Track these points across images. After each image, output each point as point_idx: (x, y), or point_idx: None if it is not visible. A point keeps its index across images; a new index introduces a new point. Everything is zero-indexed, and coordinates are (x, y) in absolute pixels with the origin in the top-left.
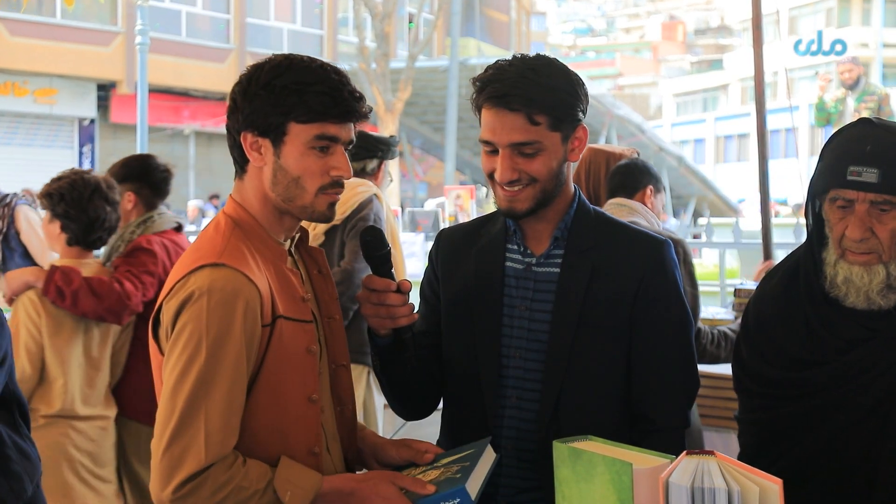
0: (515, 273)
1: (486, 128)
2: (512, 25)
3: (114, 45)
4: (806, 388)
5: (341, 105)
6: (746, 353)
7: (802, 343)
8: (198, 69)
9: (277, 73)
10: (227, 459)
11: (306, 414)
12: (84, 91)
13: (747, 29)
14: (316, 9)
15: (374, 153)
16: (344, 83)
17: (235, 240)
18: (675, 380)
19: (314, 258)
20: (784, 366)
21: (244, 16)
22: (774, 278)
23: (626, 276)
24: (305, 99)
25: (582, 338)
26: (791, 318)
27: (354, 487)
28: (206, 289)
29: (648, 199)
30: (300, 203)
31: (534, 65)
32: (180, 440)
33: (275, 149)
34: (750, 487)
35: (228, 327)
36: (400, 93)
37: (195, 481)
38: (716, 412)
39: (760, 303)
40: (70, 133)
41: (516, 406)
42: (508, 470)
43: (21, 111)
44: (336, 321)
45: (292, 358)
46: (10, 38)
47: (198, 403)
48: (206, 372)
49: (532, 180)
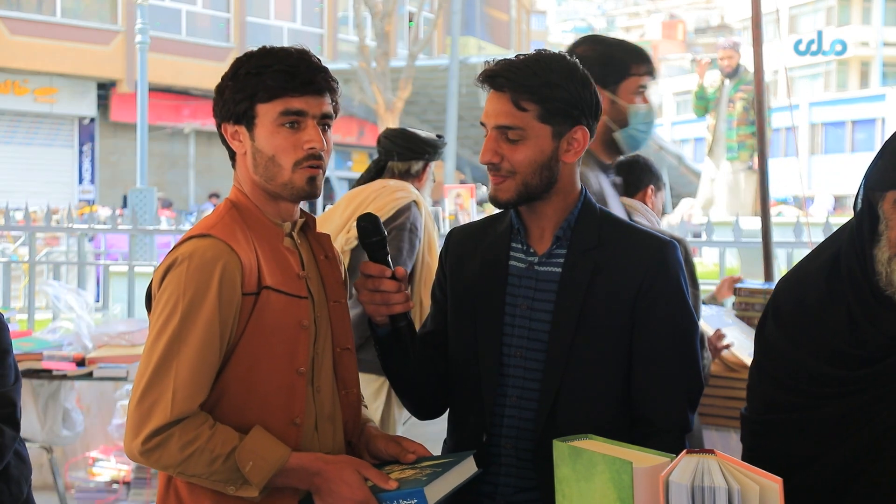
0: (518, 272)
1: (484, 110)
2: (512, 24)
3: (114, 43)
4: (849, 386)
5: (299, 78)
6: (780, 343)
7: (844, 337)
8: (198, 68)
9: (240, 63)
10: (197, 419)
11: (292, 385)
12: (84, 90)
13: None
14: (316, 7)
15: (420, 154)
16: (303, 59)
17: (229, 218)
18: (675, 382)
19: (321, 244)
20: (824, 358)
21: (244, 14)
22: (812, 266)
23: (628, 277)
24: (264, 79)
25: (581, 337)
26: (833, 309)
27: (321, 468)
28: (188, 255)
29: (649, 198)
30: (280, 181)
31: (542, 57)
32: (150, 394)
33: (249, 133)
34: (750, 486)
35: (204, 291)
36: (400, 92)
37: (163, 435)
38: (715, 411)
39: (798, 290)
40: (70, 132)
41: (517, 405)
42: (508, 469)
43: (21, 110)
44: (342, 305)
45: (280, 329)
46: (10, 36)
47: (169, 361)
48: (179, 332)
49: (511, 172)
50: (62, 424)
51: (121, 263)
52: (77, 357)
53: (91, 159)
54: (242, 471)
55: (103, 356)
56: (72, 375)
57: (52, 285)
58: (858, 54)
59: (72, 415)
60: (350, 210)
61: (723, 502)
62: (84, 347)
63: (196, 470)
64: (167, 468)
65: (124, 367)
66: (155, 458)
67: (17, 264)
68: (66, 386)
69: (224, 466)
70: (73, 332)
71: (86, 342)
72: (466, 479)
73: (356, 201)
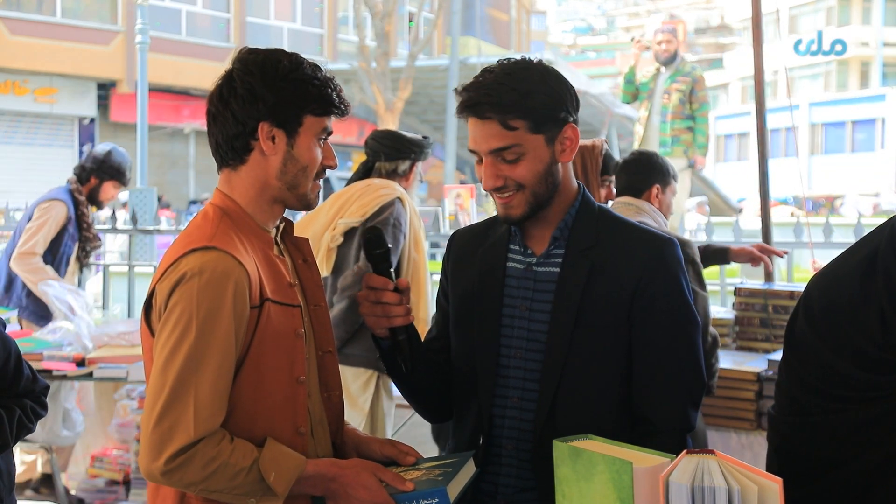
0: (516, 273)
1: (470, 137)
2: (512, 24)
3: (114, 43)
4: (875, 391)
5: (342, 101)
6: (809, 341)
7: (874, 339)
8: (198, 68)
9: (293, 67)
10: (216, 436)
11: (294, 394)
12: (84, 90)
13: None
14: (316, 7)
15: (406, 154)
16: (335, 82)
17: (224, 226)
18: (676, 381)
19: (299, 248)
20: (851, 360)
21: (244, 15)
22: (846, 265)
23: (626, 275)
24: (322, 93)
25: (579, 338)
26: (865, 310)
27: (337, 473)
28: (198, 269)
29: (655, 197)
30: (302, 190)
31: (511, 70)
32: (170, 414)
33: (288, 139)
34: (750, 487)
35: (218, 307)
36: (400, 92)
37: (185, 455)
38: (715, 411)
39: (830, 289)
40: (70, 132)
41: (518, 406)
42: (508, 470)
43: (21, 110)
44: (322, 308)
45: (280, 340)
46: (10, 37)
47: (187, 380)
48: (196, 349)
49: (519, 186)
50: (62, 424)
51: (121, 263)
52: (77, 357)
53: None
54: (267, 481)
55: (103, 356)
56: (72, 376)
57: (52, 285)
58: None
59: (72, 415)
60: (335, 209)
61: (723, 502)
62: (84, 348)
63: (218, 486)
64: (189, 486)
65: (124, 368)
66: (178, 477)
67: None
68: (66, 386)
69: (247, 479)
70: (74, 333)
71: (86, 342)
72: (470, 479)
73: (341, 200)
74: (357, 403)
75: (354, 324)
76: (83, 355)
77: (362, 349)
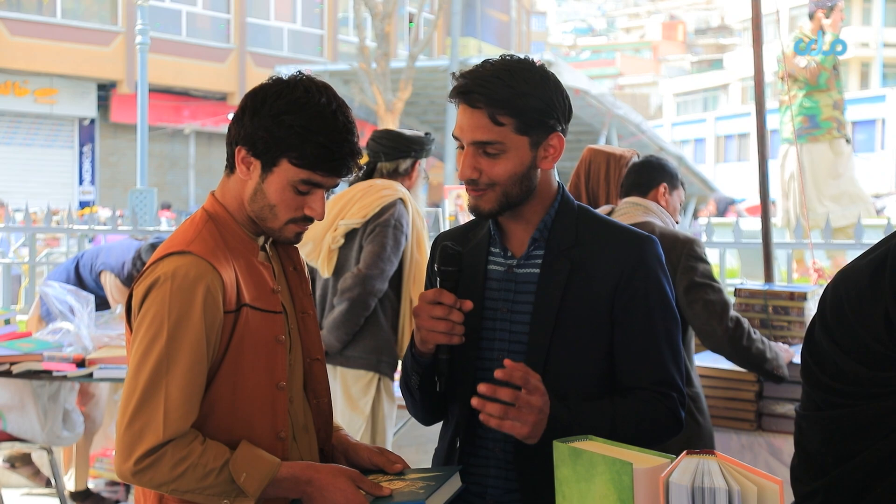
0: (497, 275)
1: (456, 123)
2: (512, 25)
3: (114, 44)
4: (878, 388)
5: (336, 161)
6: (821, 337)
7: (878, 335)
8: (198, 69)
9: (290, 108)
10: (187, 437)
11: (273, 400)
12: (84, 91)
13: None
14: (316, 8)
15: (406, 153)
16: (347, 139)
17: (207, 232)
18: (658, 376)
19: (289, 255)
20: (855, 355)
21: (244, 15)
22: (860, 262)
23: (606, 274)
24: (305, 146)
25: (560, 338)
26: (871, 306)
27: (312, 476)
28: (171, 274)
29: (662, 197)
30: (269, 225)
31: (512, 67)
32: (141, 416)
33: (262, 172)
34: (749, 487)
35: (188, 310)
36: (400, 92)
37: (154, 455)
38: (715, 411)
39: (842, 285)
40: (70, 133)
41: None
42: (497, 472)
43: (21, 111)
44: (310, 316)
45: (259, 346)
46: (10, 37)
47: (158, 382)
48: (167, 352)
49: (491, 184)
50: (62, 425)
51: None
52: (77, 358)
53: (91, 160)
54: (237, 482)
55: (103, 357)
56: (72, 376)
57: (52, 286)
58: (858, 55)
59: (72, 415)
60: (336, 210)
61: (723, 503)
62: (84, 348)
63: (188, 486)
64: (159, 486)
65: (124, 368)
66: (147, 478)
67: (17, 264)
68: (67, 387)
69: (217, 480)
70: (74, 333)
71: (86, 343)
72: (454, 495)
73: (342, 201)
74: (358, 406)
75: (355, 326)
76: (83, 356)
77: (363, 351)
